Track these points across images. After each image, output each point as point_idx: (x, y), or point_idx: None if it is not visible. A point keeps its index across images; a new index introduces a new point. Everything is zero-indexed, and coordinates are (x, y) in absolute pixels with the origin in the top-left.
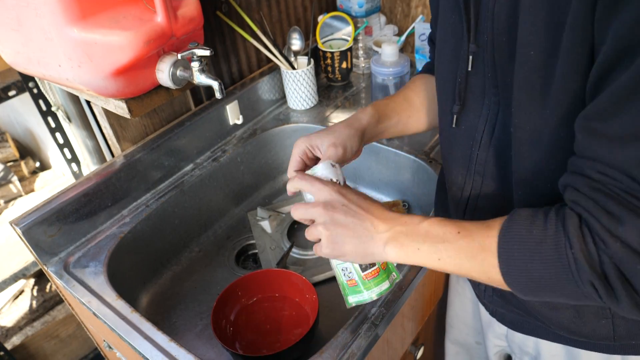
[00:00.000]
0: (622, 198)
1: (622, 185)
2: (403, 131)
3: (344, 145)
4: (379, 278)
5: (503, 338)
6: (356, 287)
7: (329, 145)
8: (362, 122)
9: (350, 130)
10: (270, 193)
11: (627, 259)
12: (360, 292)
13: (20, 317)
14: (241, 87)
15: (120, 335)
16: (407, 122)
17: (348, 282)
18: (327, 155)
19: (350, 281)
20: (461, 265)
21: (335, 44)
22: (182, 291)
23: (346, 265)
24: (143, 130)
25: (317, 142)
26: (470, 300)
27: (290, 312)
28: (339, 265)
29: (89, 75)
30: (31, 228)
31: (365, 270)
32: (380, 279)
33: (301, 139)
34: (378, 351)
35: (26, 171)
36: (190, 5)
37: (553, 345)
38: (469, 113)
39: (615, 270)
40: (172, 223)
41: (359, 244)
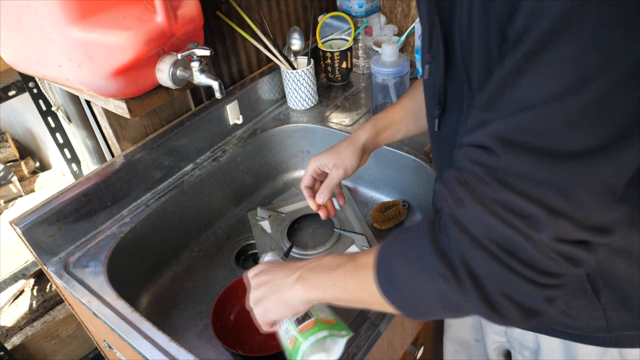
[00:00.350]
0: (473, 183)
1: (475, 168)
2: (405, 136)
3: (345, 166)
4: (315, 328)
5: (502, 334)
6: (296, 343)
7: (332, 167)
8: (361, 140)
9: (351, 149)
10: (270, 193)
11: (466, 246)
12: (300, 345)
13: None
14: (241, 87)
15: (120, 335)
16: (407, 129)
17: (290, 343)
18: (331, 175)
19: (291, 340)
20: (348, 285)
21: (335, 44)
22: (182, 291)
23: (285, 326)
24: (143, 130)
25: (325, 161)
26: None
27: None
28: (281, 330)
29: (89, 75)
30: (31, 228)
31: (301, 324)
32: (317, 328)
33: (313, 159)
34: (378, 351)
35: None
36: (190, 5)
37: (551, 339)
38: (450, 117)
39: (460, 260)
40: (172, 223)
41: (277, 293)
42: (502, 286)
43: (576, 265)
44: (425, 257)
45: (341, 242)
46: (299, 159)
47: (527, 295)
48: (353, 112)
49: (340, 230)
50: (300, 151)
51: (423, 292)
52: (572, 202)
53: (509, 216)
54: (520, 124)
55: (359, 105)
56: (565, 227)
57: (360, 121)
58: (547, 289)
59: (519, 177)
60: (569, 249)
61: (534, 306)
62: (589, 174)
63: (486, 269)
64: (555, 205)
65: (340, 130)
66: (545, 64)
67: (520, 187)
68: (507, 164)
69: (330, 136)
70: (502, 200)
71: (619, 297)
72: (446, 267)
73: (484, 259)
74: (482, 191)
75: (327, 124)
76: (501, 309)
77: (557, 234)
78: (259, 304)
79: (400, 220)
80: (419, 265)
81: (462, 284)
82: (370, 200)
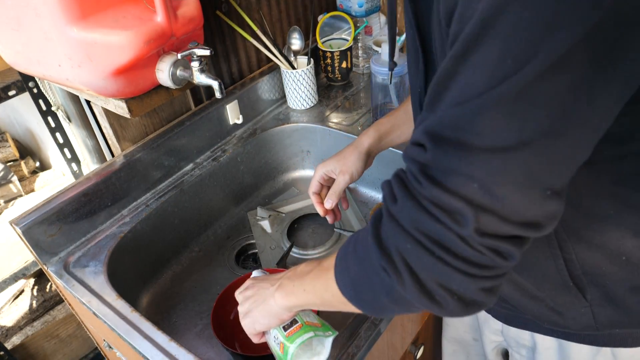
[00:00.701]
0: (409, 181)
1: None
2: (408, 139)
3: (350, 172)
4: (301, 331)
5: (499, 333)
6: (285, 347)
7: (339, 173)
8: (365, 145)
9: (355, 154)
10: (270, 193)
11: (400, 239)
12: (288, 348)
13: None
14: (241, 87)
15: (120, 335)
16: (409, 132)
17: (280, 349)
18: (337, 181)
19: (280, 346)
20: (316, 288)
21: (335, 44)
22: (182, 291)
23: (273, 334)
24: (143, 130)
25: (331, 168)
26: None
27: None
28: (271, 339)
29: (89, 75)
30: (31, 228)
31: (287, 329)
32: (302, 331)
33: (320, 166)
34: (378, 351)
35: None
36: (190, 5)
37: (546, 338)
38: None
39: (397, 253)
40: (172, 223)
41: (262, 304)
42: (436, 277)
43: (507, 258)
44: (370, 252)
45: (341, 242)
46: (298, 159)
47: (462, 286)
48: (353, 112)
49: (340, 230)
50: (300, 151)
51: (372, 286)
52: (496, 197)
53: (437, 212)
54: (447, 120)
55: (359, 105)
56: (491, 222)
57: (360, 121)
58: (481, 280)
59: (447, 173)
60: (495, 243)
61: (470, 297)
62: (512, 169)
63: (420, 261)
64: (480, 201)
65: (340, 130)
66: (470, 66)
67: (447, 183)
68: (436, 159)
69: (330, 136)
70: (430, 196)
71: (604, 293)
72: (386, 260)
73: (417, 252)
74: (414, 187)
75: (327, 123)
76: (439, 299)
77: (482, 229)
78: (246, 316)
79: None
80: (367, 261)
81: (400, 275)
82: (370, 200)
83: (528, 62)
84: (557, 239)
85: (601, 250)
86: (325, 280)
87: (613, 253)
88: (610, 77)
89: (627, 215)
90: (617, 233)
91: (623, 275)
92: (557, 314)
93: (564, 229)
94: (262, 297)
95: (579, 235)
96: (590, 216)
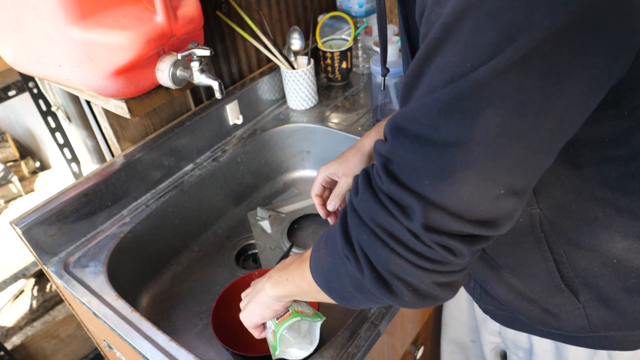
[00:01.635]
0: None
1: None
2: None
3: (354, 174)
4: (289, 317)
5: (497, 335)
6: (275, 334)
7: (342, 175)
8: (367, 148)
9: (358, 157)
10: (270, 193)
11: (359, 229)
12: (277, 333)
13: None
14: (241, 87)
15: (120, 335)
16: None
17: (272, 337)
18: (340, 184)
19: (272, 334)
20: (295, 278)
21: (335, 44)
22: (182, 291)
23: (268, 325)
24: (143, 130)
25: (334, 170)
26: (465, 298)
27: None
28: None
29: (89, 75)
30: (31, 228)
31: (279, 318)
32: (291, 317)
33: (323, 167)
34: (378, 351)
35: (26, 171)
36: (190, 5)
37: (543, 340)
38: None
39: (357, 242)
40: (172, 223)
41: (255, 296)
42: (391, 268)
43: (457, 255)
44: (336, 241)
45: None
46: (299, 159)
47: (415, 278)
48: (353, 112)
49: None
50: (300, 151)
51: (338, 275)
52: (446, 194)
53: (390, 205)
54: (407, 113)
55: (359, 105)
56: (439, 219)
57: (360, 121)
58: (434, 274)
59: (402, 166)
60: (444, 240)
61: (425, 289)
62: (464, 165)
63: (375, 252)
64: (430, 196)
65: (340, 130)
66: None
67: (401, 177)
68: (393, 150)
69: (330, 136)
70: (387, 190)
71: (596, 294)
72: (348, 249)
73: (373, 243)
74: (375, 181)
75: (327, 124)
76: (395, 289)
77: (430, 224)
78: (243, 310)
79: None
80: (334, 250)
81: (359, 264)
82: None
83: (484, 64)
84: (547, 241)
85: (591, 252)
86: (303, 270)
87: (603, 255)
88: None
89: (616, 218)
90: (606, 236)
91: (615, 277)
92: (551, 315)
93: (554, 231)
94: (256, 291)
95: (568, 238)
96: (579, 219)
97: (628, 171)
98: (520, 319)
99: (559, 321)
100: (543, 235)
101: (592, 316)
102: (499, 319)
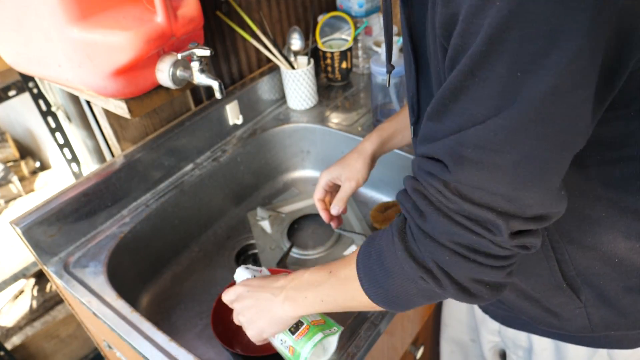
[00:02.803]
0: (433, 197)
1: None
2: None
3: (356, 178)
4: (309, 333)
5: (496, 334)
6: (295, 352)
7: (345, 180)
8: (369, 151)
9: (360, 161)
10: (270, 193)
11: (437, 252)
12: (299, 353)
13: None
14: (241, 87)
15: (120, 335)
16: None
17: (289, 352)
18: (344, 188)
19: (289, 349)
20: (337, 299)
21: (335, 44)
22: (182, 291)
23: (281, 337)
24: (143, 130)
25: (336, 174)
26: None
27: None
28: (276, 342)
29: (89, 75)
30: (31, 228)
31: (295, 333)
32: (311, 333)
33: (325, 172)
34: (378, 351)
35: (26, 171)
36: (190, 5)
37: (543, 339)
38: None
39: (434, 263)
40: (172, 223)
41: (267, 314)
42: (472, 275)
43: (530, 248)
44: (403, 266)
45: (341, 242)
46: (299, 159)
47: (493, 277)
48: (353, 112)
49: (340, 230)
50: (300, 151)
51: (407, 293)
52: (522, 205)
53: (469, 224)
54: (466, 139)
55: (358, 105)
56: (516, 225)
57: (360, 121)
58: (507, 268)
59: (473, 188)
60: (522, 241)
61: (499, 283)
62: (534, 180)
63: (457, 267)
64: (508, 210)
65: (340, 130)
66: (479, 81)
67: (475, 198)
68: (459, 178)
69: (330, 136)
70: (461, 210)
71: (598, 294)
72: (423, 271)
73: (454, 259)
74: (441, 203)
75: (327, 124)
76: (474, 292)
77: (513, 233)
78: (250, 326)
79: None
80: (400, 274)
81: (439, 282)
82: (370, 200)
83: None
84: (550, 240)
85: (593, 252)
86: (351, 292)
87: (605, 254)
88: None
89: (619, 218)
90: (609, 236)
91: (616, 276)
92: (552, 315)
93: (557, 230)
94: (267, 308)
95: (571, 237)
96: (582, 218)
97: (633, 171)
98: (520, 318)
99: (560, 321)
100: (546, 233)
101: (593, 315)
102: (498, 318)
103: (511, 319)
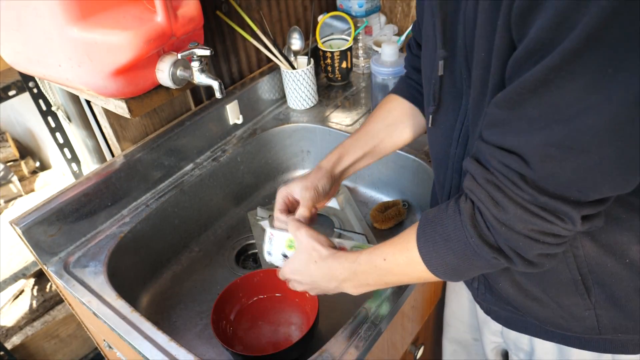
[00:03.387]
0: (508, 189)
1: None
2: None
3: (315, 186)
4: None
5: (498, 334)
6: None
7: (302, 189)
8: (326, 166)
9: (318, 173)
10: (270, 193)
11: (513, 239)
12: None
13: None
14: (241, 87)
15: (120, 335)
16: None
17: None
18: (302, 197)
19: None
20: (402, 280)
21: (335, 44)
22: (182, 291)
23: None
24: (143, 130)
25: (292, 188)
26: (466, 298)
27: (290, 312)
28: None
29: (89, 75)
30: (31, 228)
31: None
32: None
33: (281, 188)
34: (378, 351)
35: (26, 171)
36: (190, 5)
37: (546, 342)
38: (447, 113)
39: (507, 246)
40: (172, 223)
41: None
42: (541, 252)
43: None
44: (477, 250)
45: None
46: (299, 159)
47: (555, 250)
48: (353, 112)
49: (340, 230)
50: (300, 151)
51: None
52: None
53: (544, 214)
54: (553, 139)
55: (359, 105)
56: (587, 211)
57: (360, 121)
58: (568, 242)
59: (551, 181)
60: (589, 224)
61: (556, 253)
62: (616, 179)
63: (530, 249)
64: (583, 200)
65: (340, 130)
66: (567, 78)
67: (551, 191)
68: (540, 174)
69: (330, 136)
70: (537, 202)
71: (608, 294)
72: (497, 253)
73: (528, 244)
74: (517, 195)
75: (327, 123)
76: (539, 265)
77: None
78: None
79: (400, 220)
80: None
81: (510, 260)
82: (370, 200)
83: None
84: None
85: (607, 250)
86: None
87: (618, 254)
88: None
89: (638, 221)
90: (624, 237)
91: (627, 277)
92: (560, 316)
93: None
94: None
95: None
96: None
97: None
98: (525, 320)
99: (568, 322)
100: None
101: (602, 317)
102: (501, 320)
103: (515, 320)
